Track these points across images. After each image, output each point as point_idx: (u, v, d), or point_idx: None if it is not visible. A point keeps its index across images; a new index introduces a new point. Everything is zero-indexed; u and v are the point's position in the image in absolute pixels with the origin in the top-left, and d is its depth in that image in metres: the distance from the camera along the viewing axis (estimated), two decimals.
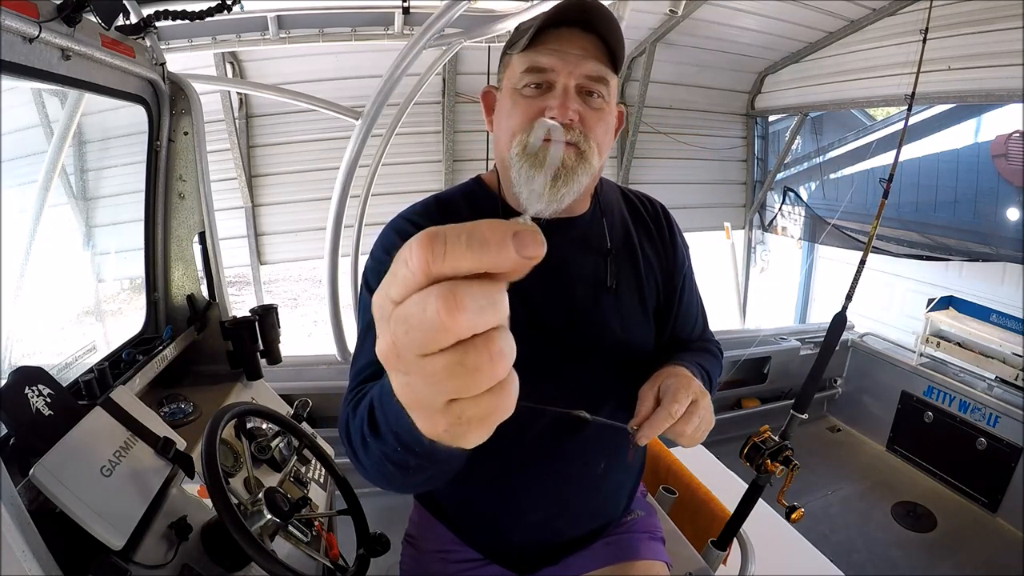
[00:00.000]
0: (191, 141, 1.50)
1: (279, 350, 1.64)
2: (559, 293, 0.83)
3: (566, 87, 0.72)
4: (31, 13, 0.90)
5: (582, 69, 0.72)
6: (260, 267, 4.84)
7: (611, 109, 0.78)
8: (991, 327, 3.00)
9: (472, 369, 0.25)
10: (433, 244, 0.24)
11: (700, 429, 0.70)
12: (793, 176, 5.78)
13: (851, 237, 4.88)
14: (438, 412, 0.28)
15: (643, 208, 0.95)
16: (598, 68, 0.73)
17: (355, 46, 3.14)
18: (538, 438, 0.85)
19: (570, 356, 0.83)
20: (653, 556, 0.99)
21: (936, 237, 4.26)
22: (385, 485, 0.60)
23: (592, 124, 0.74)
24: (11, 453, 0.85)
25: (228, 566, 1.00)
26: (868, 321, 4.13)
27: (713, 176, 5.79)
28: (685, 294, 0.94)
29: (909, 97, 1.92)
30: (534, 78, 0.73)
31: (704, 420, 0.70)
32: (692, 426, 0.68)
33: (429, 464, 0.46)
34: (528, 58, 0.73)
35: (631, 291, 0.88)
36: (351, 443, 0.60)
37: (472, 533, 0.99)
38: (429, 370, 0.26)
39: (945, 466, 2.93)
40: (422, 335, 0.25)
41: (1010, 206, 3.84)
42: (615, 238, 0.88)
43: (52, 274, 1.73)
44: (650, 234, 0.93)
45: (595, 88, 0.74)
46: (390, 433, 0.46)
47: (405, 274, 0.25)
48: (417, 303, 0.24)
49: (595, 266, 0.86)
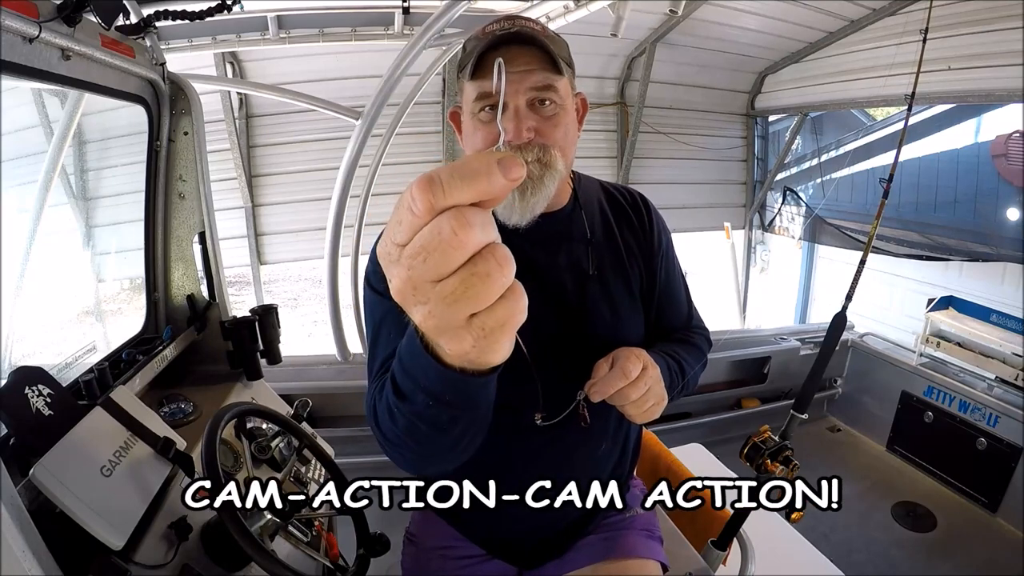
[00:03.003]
0: (191, 141, 1.50)
1: (279, 350, 1.64)
2: (544, 285, 0.86)
3: (516, 107, 0.75)
4: (31, 13, 0.90)
5: (527, 84, 0.75)
6: (260, 267, 4.84)
7: (567, 107, 0.80)
8: (991, 327, 2.99)
9: (484, 276, 0.29)
10: (432, 185, 0.28)
11: (648, 401, 0.74)
12: (793, 176, 5.77)
13: (851, 237, 4.87)
14: (462, 328, 0.33)
15: (622, 198, 0.97)
16: (543, 78, 0.76)
17: (355, 46, 3.14)
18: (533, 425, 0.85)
19: (558, 345, 0.84)
20: (650, 555, 1.00)
21: (936, 237, 4.26)
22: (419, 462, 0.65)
23: (549, 132, 0.77)
24: (11, 453, 0.85)
25: (228, 566, 1.00)
26: (868, 321, 4.13)
27: (713, 176, 5.79)
28: (663, 276, 0.95)
29: (909, 97, 1.92)
30: (485, 102, 0.77)
31: (653, 392, 0.74)
32: (639, 391, 0.72)
33: (461, 410, 0.50)
34: (476, 85, 0.77)
35: (616, 278, 0.89)
36: (379, 425, 0.64)
37: (473, 527, 1.00)
38: (448, 290, 0.30)
39: (945, 466, 2.92)
40: (439, 257, 0.29)
41: (1010, 206, 3.84)
42: (595, 228, 0.90)
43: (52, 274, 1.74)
44: (630, 222, 0.94)
45: (545, 96, 0.77)
46: (419, 391, 0.49)
47: (410, 217, 0.29)
48: (430, 231, 0.28)
49: (578, 256, 0.88)
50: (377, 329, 0.80)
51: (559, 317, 0.85)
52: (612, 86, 5.16)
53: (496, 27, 0.77)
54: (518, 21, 0.77)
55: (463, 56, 0.81)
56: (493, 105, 0.76)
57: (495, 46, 0.75)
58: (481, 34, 0.78)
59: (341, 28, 2.91)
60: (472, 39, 0.80)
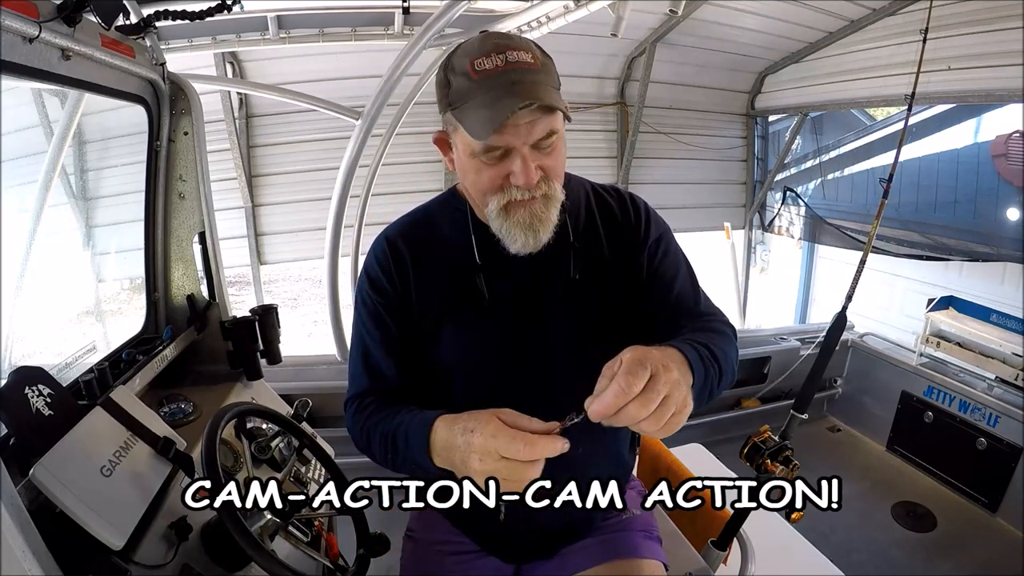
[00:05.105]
0: (191, 141, 1.50)
1: (279, 350, 1.64)
2: (521, 289, 0.88)
3: (524, 157, 0.76)
4: (31, 13, 0.90)
5: (534, 136, 0.76)
6: (260, 267, 4.84)
7: (561, 134, 0.80)
8: (991, 327, 2.99)
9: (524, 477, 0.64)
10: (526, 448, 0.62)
11: (665, 413, 0.61)
12: (793, 176, 5.77)
13: (851, 237, 4.87)
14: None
15: (609, 196, 0.96)
16: (546, 126, 0.76)
17: (355, 46, 3.14)
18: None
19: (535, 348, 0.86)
20: (649, 555, 1.00)
21: (936, 237, 4.25)
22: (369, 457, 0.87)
23: (550, 167, 0.80)
24: (11, 453, 0.85)
25: (228, 566, 1.00)
26: (868, 321, 4.12)
27: (713, 176, 5.79)
28: (656, 264, 0.92)
29: (909, 97, 1.92)
30: (493, 152, 0.77)
31: (673, 400, 0.61)
32: (647, 408, 0.59)
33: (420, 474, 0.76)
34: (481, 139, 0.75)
35: (597, 280, 0.89)
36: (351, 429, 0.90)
37: (471, 524, 1.01)
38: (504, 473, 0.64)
39: (945, 466, 2.92)
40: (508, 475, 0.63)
41: (1010, 206, 3.83)
42: (578, 232, 0.90)
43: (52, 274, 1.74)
44: (615, 220, 0.93)
45: (547, 141, 0.78)
46: (407, 461, 0.77)
47: (514, 453, 0.63)
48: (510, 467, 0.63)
49: (558, 261, 0.88)
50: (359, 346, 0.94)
51: (534, 321, 0.87)
52: (612, 86, 5.15)
53: (489, 68, 0.72)
54: (511, 56, 0.73)
55: (451, 92, 0.76)
56: (499, 155, 0.77)
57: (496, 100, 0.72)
58: (473, 73, 0.73)
59: (341, 28, 2.91)
60: (460, 74, 0.75)
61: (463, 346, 0.88)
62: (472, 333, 0.88)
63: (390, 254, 0.90)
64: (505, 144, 0.76)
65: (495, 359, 0.89)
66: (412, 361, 0.91)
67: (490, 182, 0.79)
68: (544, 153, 0.78)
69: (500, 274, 0.88)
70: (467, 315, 0.87)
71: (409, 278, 0.89)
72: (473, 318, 0.87)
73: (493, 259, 0.87)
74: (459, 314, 0.88)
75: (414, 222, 0.95)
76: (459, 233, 0.89)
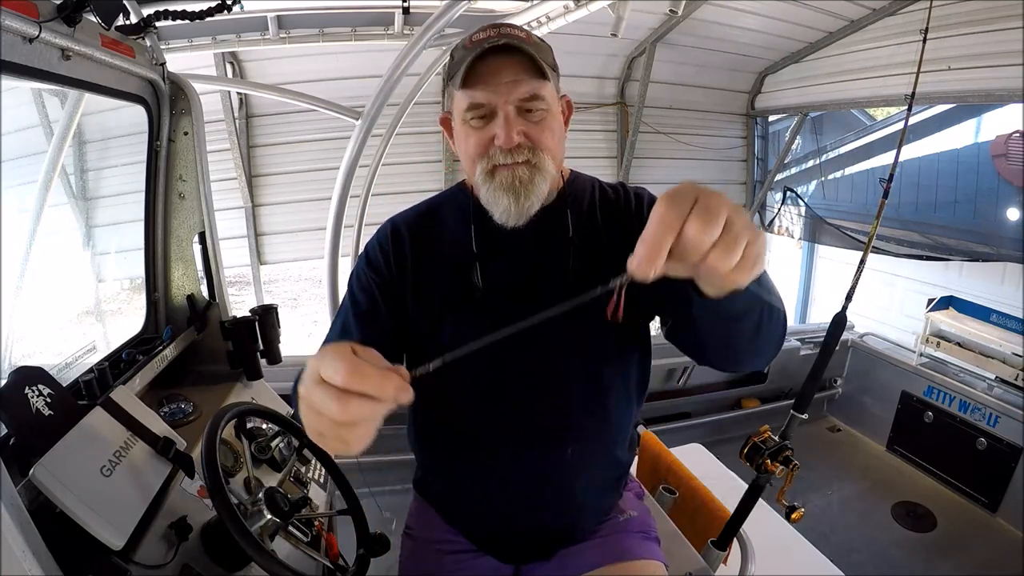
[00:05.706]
0: (191, 141, 1.50)
1: (279, 350, 1.64)
2: (518, 282, 0.88)
3: (506, 115, 0.79)
4: (31, 13, 0.90)
5: (515, 95, 0.79)
6: (260, 267, 4.84)
7: (554, 111, 0.83)
8: (991, 327, 2.99)
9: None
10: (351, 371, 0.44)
11: (740, 240, 0.44)
12: (793, 176, 5.77)
13: (851, 237, 4.87)
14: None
15: (614, 193, 0.96)
16: (530, 87, 0.79)
17: (355, 46, 3.14)
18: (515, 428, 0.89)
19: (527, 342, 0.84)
20: (648, 556, 1.00)
21: (936, 237, 4.25)
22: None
23: (537, 136, 0.81)
24: (11, 453, 0.85)
25: (228, 566, 1.00)
26: (868, 321, 4.12)
27: (713, 176, 5.78)
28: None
29: (909, 97, 1.91)
30: (476, 112, 0.81)
31: (738, 222, 0.44)
32: (710, 231, 0.43)
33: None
34: (466, 95, 0.80)
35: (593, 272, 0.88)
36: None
37: (464, 522, 1.01)
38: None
39: (945, 466, 2.92)
40: (320, 406, 0.45)
41: (1010, 206, 3.83)
42: (578, 227, 0.91)
43: (52, 274, 1.74)
44: (616, 213, 0.93)
45: (532, 105, 0.80)
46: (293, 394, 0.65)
47: (332, 374, 0.44)
48: (322, 397, 0.45)
49: (556, 254, 0.89)
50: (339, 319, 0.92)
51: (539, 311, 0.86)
52: (612, 86, 5.15)
53: (483, 36, 0.80)
54: (504, 30, 0.80)
55: (451, 64, 0.84)
56: (484, 114, 0.80)
57: (483, 56, 0.78)
58: (468, 43, 0.81)
59: (341, 28, 2.91)
60: (459, 48, 0.83)
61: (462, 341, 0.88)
62: (471, 328, 0.88)
63: (392, 241, 0.93)
64: (487, 100, 0.79)
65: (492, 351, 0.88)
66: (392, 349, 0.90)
67: (476, 146, 0.82)
68: (531, 121, 0.80)
69: (497, 265, 0.89)
70: (467, 313, 0.88)
71: (407, 269, 0.91)
72: (472, 315, 0.88)
73: (491, 248, 0.88)
74: (459, 312, 0.88)
75: (420, 216, 0.96)
76: (461, 227, 0.91)
